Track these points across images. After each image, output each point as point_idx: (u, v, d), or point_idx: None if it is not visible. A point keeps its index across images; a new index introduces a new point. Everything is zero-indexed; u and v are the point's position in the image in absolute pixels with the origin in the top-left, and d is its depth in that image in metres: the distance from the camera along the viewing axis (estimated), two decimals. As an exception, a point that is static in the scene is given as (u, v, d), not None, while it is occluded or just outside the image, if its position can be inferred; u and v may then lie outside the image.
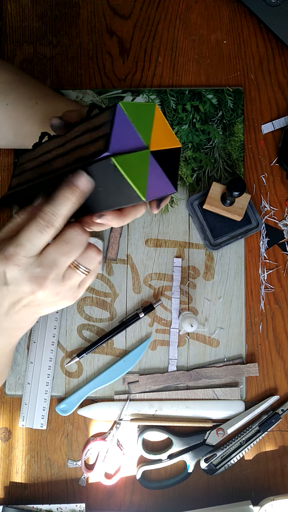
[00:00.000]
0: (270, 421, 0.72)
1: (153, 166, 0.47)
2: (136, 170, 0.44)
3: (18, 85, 0.63)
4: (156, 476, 0.74)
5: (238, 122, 0.76)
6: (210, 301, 0.75)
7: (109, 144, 0.43)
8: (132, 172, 0.44)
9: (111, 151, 0.43)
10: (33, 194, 0.51)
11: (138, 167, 0.45)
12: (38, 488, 0.74)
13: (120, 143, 0.44)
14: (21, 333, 0.55)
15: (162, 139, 0.48)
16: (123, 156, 0.43)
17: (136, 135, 0.45)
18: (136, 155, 0.45)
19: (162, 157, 0.48)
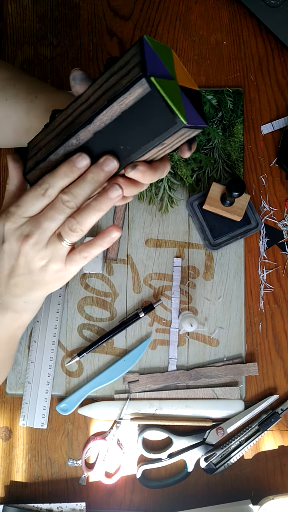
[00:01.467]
0: (270, 420, 0.72)
1: (183, 97, 0.47)
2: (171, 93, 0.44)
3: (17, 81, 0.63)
4: (156, 475, 0.74)
5: (237, 123, 0.76)
6: (210, 301, 0.75)
7: (146, 67, 0.43)
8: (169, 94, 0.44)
9: (149, 73, 0.43)
10: None
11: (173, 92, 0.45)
12: (39, 487, 0.74)
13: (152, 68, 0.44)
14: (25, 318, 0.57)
15: (183, 78, 0.48)
16: (159, 80, 0.44)
17: (163, 66, 0.46)
18: (168, 82, 0.45)
19: (189, 94, 0.48)
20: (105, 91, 0.46)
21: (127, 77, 0.44)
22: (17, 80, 0.63)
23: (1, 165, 0.78)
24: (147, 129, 0.46)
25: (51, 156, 0.50)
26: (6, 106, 0.62)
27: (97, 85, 0.48)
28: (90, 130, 0.47)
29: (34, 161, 0.51)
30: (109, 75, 0.47)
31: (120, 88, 0.44)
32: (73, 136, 0.48)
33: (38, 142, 0.53)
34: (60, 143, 0.49)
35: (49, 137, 0.51)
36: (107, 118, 0.46)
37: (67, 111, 0.50)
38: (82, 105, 0.49)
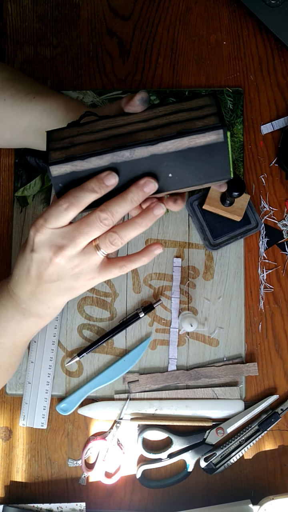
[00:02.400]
0: (270, 420, 0.72)
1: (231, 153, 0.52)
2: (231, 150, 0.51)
3: (16, 82, 0.64)
4: (156, 475, 0.74)
5: (237, 123, 0.76)
6: (210, 300, 0.75)
7: (224, 121, 0.49)
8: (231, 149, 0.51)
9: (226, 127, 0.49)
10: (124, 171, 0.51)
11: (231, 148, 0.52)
12: (39, 487, 0.74)
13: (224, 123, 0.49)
14: (44, 322, 0.59)
15: None
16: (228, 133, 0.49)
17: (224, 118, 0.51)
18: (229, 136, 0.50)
19: None
20: (173, 122, 0.50)
21: (202, 120, 0.49)
22: (15, 81, 0.64)
23: (1, 165, 0.78)
24: (199, 170, 0.51)
25: (93, 158, 0.50)
26: (4, 106, 0.62)
27: (159, 112, 0.51)
28: (150, 151, 0.49)
29: (65, 154, 0.50)
30: (176, 109, 0.51)
31: (195, 127, 0.49)
32: (128, 149, 0.49)
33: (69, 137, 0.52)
34: (110, 149, 0.49)
35: (89, 138, 0.51)
36: (172, 147, 0.49)
37: (115, 121, 0.52)
38: (139, 123, 0.51)
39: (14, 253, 0.76)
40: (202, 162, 0.50)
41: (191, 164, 0.50)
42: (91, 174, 0.50)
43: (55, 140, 0.52)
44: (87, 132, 0.52)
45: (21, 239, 0.76)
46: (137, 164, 0.50)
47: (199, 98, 0.51)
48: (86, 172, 0.50)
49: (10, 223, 0.76)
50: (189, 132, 0.48)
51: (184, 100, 0.51)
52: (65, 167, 0.50)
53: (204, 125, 0.49)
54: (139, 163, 0.50)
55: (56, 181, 0.51)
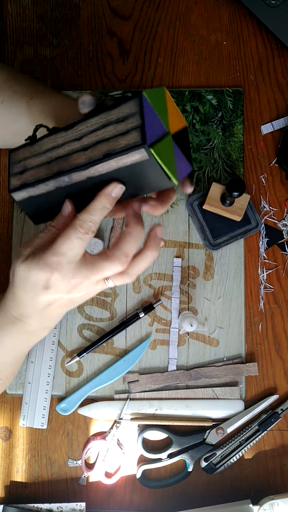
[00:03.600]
0: (270, 420, 0.72)
1: (175, 149, 0.49)
2: (166, 156, 0.46)
3: (13, 82, 0.64)
4: (156, 475, 0.74)
5: (237, 123, 0.76)
6: (210, 301, 0.75)
7: (145, 136, 0.44)
8: (164, 159, 0.46)
9: (149, 142, 0.44)
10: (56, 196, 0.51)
11: (167, 153, 0.47)
12: (39, 487, 0.74)
13: (151, 133, 0.45)
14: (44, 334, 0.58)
15: (175, 120, 0.49)
16: (157, 145, 0.45)
17: (160, 122, 0.47)
18: (164, 142, 0.46)
19: (179, 138, 0.49)
20: (100, 140, 0.47)
21: (125, 137, 0.46)
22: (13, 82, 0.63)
23: (1, 165, 0.78)
24: (140, 183, 0.49)
25: (40, 184, 0.51)
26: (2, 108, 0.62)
27: (91, 126, 0.48)
28: (84, 174, 0.49)
29: (20, 181, 0.52)
30: (104, 122, 0.48)
31: (118, 148, 0.46)
32: (66, 175, 0.49)
33: (23, 159, 0.53)
34: (51, 176, 0.50)
35: (37, 161, 0.52)
36: (103, 169, 0.48)
37: (56, 139, 0.51)
38: (74, 142, 0.49)
39: (14, 253, 0.76)
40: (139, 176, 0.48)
41: (128, 180, 0.49)
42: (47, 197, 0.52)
43: (14, 162, 0.54)
44: (35, 154, 0.52)
45: (21, 239, 0.76)
46: (80, 186, 0.50)
47: (126, 104, 0.47)
48: (41, 197, 0.52)
49: (10, 223, 0.76)
50: (114, 154, 0.46)
51: (113, 106, 0.48)
52: (22, 193, 0.52)
53: (126, 145, 0.45)
54: (81, 186, 0.50)
55: (22, 205, 0.53)
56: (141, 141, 0.44)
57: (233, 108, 0.77)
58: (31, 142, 0.53)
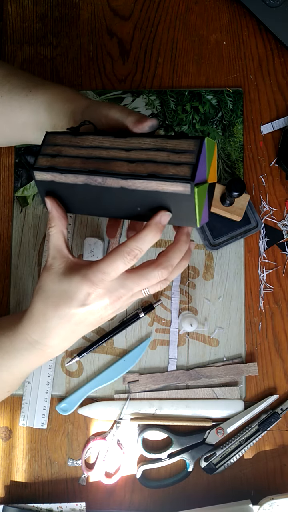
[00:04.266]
0: (270, 420, 0.72)
1: (206, 198, 0.52)
2: (200, 200, 0.49)
3: (12, 77, 0.64)
4: (156, 475, 0.74)
5: (237, 123, 0.77)
6: (210, 300, 0.75)
7: (195, 175, 0.47)
8: (199, 202, 0.49)
9: (196, 182, 0.47)
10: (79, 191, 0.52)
11: (201, 198, 0.50)
12: (39, 487, 0.74)
13: (199, 174, 0.48)
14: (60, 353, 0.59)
15: (212, 173, 0.53)
16: (199, 186, 0.48)
17: (205, 169, 0.50)
18: (202, 187, 0.49)
19: (209, 191, 0.53)
20: (149, 160, 0.49)
21: (176, 167, 0.48)
22: (11, 77, 0.63)
23: (1, 165, 0.78)
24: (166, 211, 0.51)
25: (70, 174, 0.51)
26: (1, 103, 0.62)
27: (144, 144, 0.51)
28: (120, 183, 0.50)
29: (49, 163, 0.52)
30: (159, 147, 0.50)
31: (165, 174, 0.48)
32: (101, 176, 0.50)
33: (60, 145, 0.53)
34: (85, 171, 0.51)
35: (75, 152, 0.52)
36: (141, 186, 0.49)
37: (102, 141, 0.52)
38: (121, 151, 0.51)
39: (14, 253, 0.76)
40: (169, 206, 0.50)
41: (158, 205, 0.50)
42: (68, 188, 0.52)
43: (48, 144, 0.54)
44: (75, 145, 0.53)
45: (21, 239, 0.76)
46: (108, 192, 0.51)
47: (186, 140, 0.50)
48: (64, 186, 0.52)
49: (10, 223, 0.76)
50: (158, 177, 0.48)
51: (172, 138, 0.50)
52: (46, 175, 0.52)
53: (174, 174, 0.48)
54: (110, 192, 0.51)
55: (38, 185, 0.54)
56: (191, 177, 0.47)
57: (233, 108, 0.77)
58: (72, 132, 0.53)
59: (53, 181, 0.52)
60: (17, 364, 0.57)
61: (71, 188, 0.52)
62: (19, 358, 0.56)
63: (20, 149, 0.77)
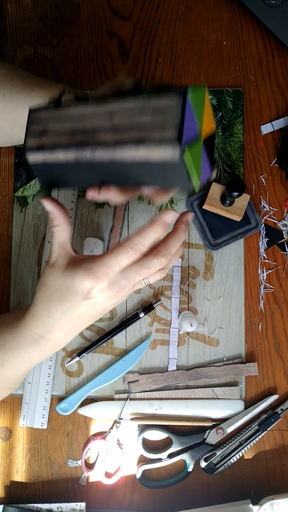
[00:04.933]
0: (270, 420, 0.72)
1: (203, 153, 0.48)
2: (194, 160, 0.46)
3: (13, 77, 0.64)
4: (156, 475, 0.74)
5: (237, 123, 0.76)
6: (210, 301, 0.75)
7: (182, 137, 0.43)
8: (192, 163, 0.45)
9: (183, 143, 0.44)
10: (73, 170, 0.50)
11: (195, 157, 0.46)
12: (39, 487, 0.74)
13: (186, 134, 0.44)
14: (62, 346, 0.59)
15: (207, 122, 0.48)
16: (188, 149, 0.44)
17: (195, 123, 0.46)
18: (195, 146, 0.45)
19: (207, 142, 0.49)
20: (133, 126, 0.46)
21: (160, 131, 0.45)
22: (13, 76, 0.63)
23: (1, 165, 0.78)
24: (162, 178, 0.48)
25: (59, 151, 0.49)
26: (3, 102, 0.62)
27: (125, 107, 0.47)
28: (109, 156, 0.48)
29: (37, 143, 0.50)
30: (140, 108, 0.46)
31: (150, 140, 0.45)
32: (89, 149, 0.48)
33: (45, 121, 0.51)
34: (74, 146, 0.49)
35: (59, 126, 0.50)
36: (129, 156, 0.47)
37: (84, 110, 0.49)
38: (103, 119, 0.48)
39: (14, 253, 0.76)
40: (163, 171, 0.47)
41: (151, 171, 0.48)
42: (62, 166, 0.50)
43: (33, 122, 0.52)
44: (59, 119, 0.50)
45: (21, 239, 0.76)
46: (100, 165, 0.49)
47: (167, 97, 0.46)
48: (57, 164, 0.50)
49: (10, 223, 0.76)
50: (144, 143, 0.45)
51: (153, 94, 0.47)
52: (37, 156, 0.51)
53: (160, 138, 0.44)
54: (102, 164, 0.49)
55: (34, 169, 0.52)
56: (177, 139, 0.43)
57: (233, 108, 0.77)
58: (55, 104, 0.51)
59: (45, 162, 0.51)
60: (20, 360, 0.57)
61: (64, 169, 0.51)
62: (22, 353, 0.57)
63: (20, 149, 0.76)
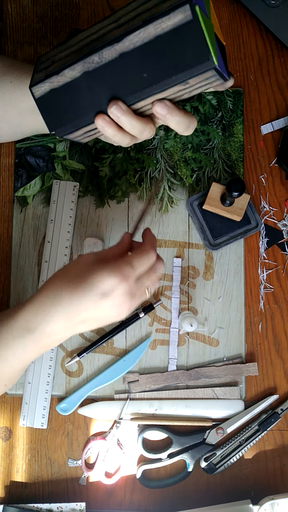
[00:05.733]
0: (270, 420, 0.72)
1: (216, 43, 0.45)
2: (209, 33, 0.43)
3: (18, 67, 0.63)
4: (156, 475, 0.74)
5: (237, 123, 0.76)
6: (210, 301, 0.75)
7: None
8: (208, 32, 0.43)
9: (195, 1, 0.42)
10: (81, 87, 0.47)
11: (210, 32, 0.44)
12: (39, 487, 0.74)
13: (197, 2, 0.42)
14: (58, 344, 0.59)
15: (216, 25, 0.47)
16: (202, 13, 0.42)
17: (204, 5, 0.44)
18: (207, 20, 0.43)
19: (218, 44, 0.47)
20: (141, 13, 0.44)
21: (169, 1, 0.42)
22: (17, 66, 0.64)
23: (1, 165, 0.78)
24: (177, 61, 0.44)
25: (66, 70, 0.47)
26: (11, 88, 0.62)
27: (131, 7, 0.46)
28: (117, 50, 0.45)
29: (44, 73, 0.48)
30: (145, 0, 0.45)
31: (160, 11, 0.42)
32: (96, 53, 0.45)
33: (53, 56, 0.49)
34: (80, 57, 0.46)
35: (67, 52, 0.48)
36: (139, 40, 0.44)
37: (90, 30, 0.48)
38: (110, 25, 0.46)
39: (14, 253, 0.76)
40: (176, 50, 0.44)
41: (164, 55, 0.44)
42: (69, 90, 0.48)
43: (41, 62, 0.50)
44: (67, 47, 0.49)
45: (21, 239, 0.76)
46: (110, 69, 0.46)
47: None
48: (64, 88, 0.48)
49: (10, 223, 0.76)
50: (153, 18, 0.42)
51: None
52: (44, 86, 0.48)
53: (169, 6, 0.42)
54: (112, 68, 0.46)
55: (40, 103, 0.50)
56: None
57: (233, 108, 0.77)
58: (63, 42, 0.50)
59: (52, 89, 0.48)
60: (13, 354, 0.56)
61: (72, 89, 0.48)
62: (15, 346, 0.55)
63: (20, 149, 0.76)
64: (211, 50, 0.43)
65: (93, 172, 0.76)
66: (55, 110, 0.50)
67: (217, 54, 0.45)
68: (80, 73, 0.47)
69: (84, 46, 0.47)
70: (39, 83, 0.48)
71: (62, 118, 0.50)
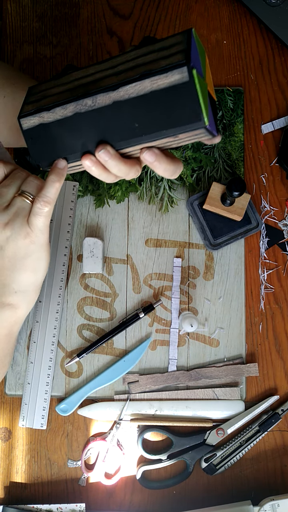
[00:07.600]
0: (270, 421, 0.72)
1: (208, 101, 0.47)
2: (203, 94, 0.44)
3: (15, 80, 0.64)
4: (156, 476, 0.74)
5: (238, 122, 0.76)
6: (210, 301, 0.75)
7: (190, 57, 0.43)
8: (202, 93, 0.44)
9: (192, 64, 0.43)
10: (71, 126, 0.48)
11: (204, 92, 0.45)
12: (38, 488, 0.74)
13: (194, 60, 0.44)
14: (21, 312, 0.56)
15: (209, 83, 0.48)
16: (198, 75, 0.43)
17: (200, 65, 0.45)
18: (202, 81, 0.45)
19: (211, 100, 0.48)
20: (139, 65, 0.45)
21: (167, 59, 0.44)
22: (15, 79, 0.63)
23: (1, 165, 0.77)
24: (169, 117, 0.46)
25: (57, 108, 0.47)
26: (3, 103, 0.62)
27: (129, 56, 0.46)
28: (111, 97, 0.46)
29: (35, 107, 0.49)
30: (146, 52, 0.46)
31: (158, 68, 0.43)
32: (90, 97, 0.46)
33: (44, 90, 0.50)
34: (74, 98, 0.47)
35: (60, 89, 0.49)
36: (134, 91, 0.45)
37: (87, 70, 0.48)
38: (107, 70, 0.47)
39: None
40: (169, 107, 0.45)
41: (157, 110, 0.45)
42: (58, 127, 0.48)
43: (32, 94, 0.51)
44: (60, 84, 0.49)
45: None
46: (101, 114, 0.47)
47: (172, 37, 0.45)
48: (53, 124, 0.48)
49: (10, 223, 0.76)
50: (151, 73, 0.43)
51: (158, 40, 0.46)
52: (33, 119, 0.49)
53: (167, 64, 0.43)
54: (103, 113, 0.47)
55: (27, 135, 0.50)
56: (185, 60, 0.43)
57: (233, 108, 0.76)
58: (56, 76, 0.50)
59: (41, 124, 0.48)
60: None
61: (61, 127, 0.48)
62: None
63: (20, 149, 0.76)
64: (203, 111, 0.45)
65: (93, 172, 0.76)
66: (42, 144, 0.50)
67: (209, 113, 0.47)
68: (72, 113, 0.48)
69: (79, 86, 0.48)
70: (29, 115, 0.49)
71: (47, 152, 0.51)
